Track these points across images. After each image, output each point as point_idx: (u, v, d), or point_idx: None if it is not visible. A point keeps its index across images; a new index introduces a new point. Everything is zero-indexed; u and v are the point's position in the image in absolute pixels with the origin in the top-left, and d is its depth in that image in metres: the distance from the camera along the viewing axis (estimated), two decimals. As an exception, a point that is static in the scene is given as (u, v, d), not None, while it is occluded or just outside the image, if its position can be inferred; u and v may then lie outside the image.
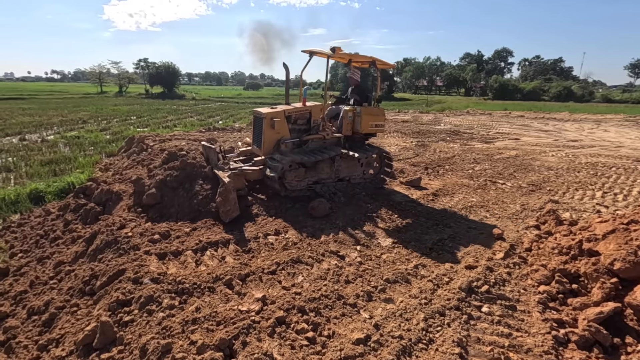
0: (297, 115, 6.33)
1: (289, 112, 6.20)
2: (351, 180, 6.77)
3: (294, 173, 5.99)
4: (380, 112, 6.86)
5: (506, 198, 6.77)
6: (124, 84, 59.68)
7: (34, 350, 3.05)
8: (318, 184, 6.33)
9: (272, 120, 5.95)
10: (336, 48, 6.02)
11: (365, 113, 6.59)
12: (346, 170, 6.65)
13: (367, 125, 6.64)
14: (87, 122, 20.04)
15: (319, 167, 6.25)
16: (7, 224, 5.96)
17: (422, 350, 2.76)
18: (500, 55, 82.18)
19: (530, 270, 3.97)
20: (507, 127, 18.43)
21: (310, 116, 6.42)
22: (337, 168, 6.46)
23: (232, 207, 5.09)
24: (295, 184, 6.06)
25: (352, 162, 6.65)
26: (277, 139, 6.12)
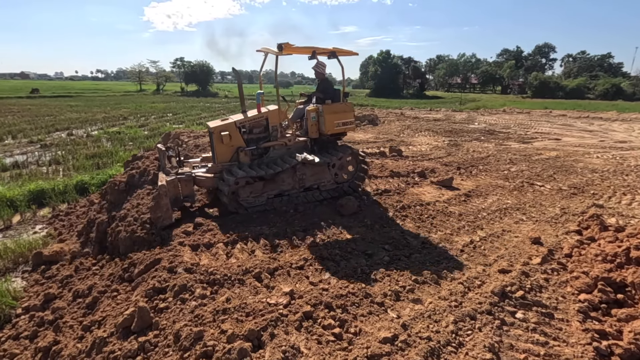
0: (252, 124, 5.63)
1: (241, 122, 5.53)
2: (321, 188, 6.05)
3: (248, 189, 5.38)
4: (347, 108, 6.04)
5: (545, 201, 6.44)
6: (161, 82, 62.30)
7: (79, 330, 3.27)
8: (281, 196, 5.71)
9: (220, 135, 5.31)
10: (284, 44, 5.19)
11: (328, 112, 5.78)
12: (313, 178, 5.93)
13: (332, 124, 5.83)
14: (127, 118, 21.13)
15: (279, 178, 5.59)
16: (56, 212, 6.42)
17: (451, 353, 2.69)
18: (541, 51, 77.99)
19: (570, 277, 3.76)
20: (547, 127, 17.49)
21: (268, 122, 5.73)
22: (300, 177, 5.78)
23: (164, 215, 4.62)
24: (252, 200, 5.45)
25: (320, 168, 5.92)
26: (232, 151, 5.50)
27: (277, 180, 5.60)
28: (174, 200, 5.02)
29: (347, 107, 6.03)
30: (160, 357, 2.58)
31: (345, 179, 6.33)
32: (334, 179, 6.16)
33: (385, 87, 56.77)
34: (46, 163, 10.14)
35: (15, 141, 13.56)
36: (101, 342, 2.87)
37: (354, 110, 6.19)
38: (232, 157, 5.50)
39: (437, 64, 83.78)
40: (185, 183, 5.18)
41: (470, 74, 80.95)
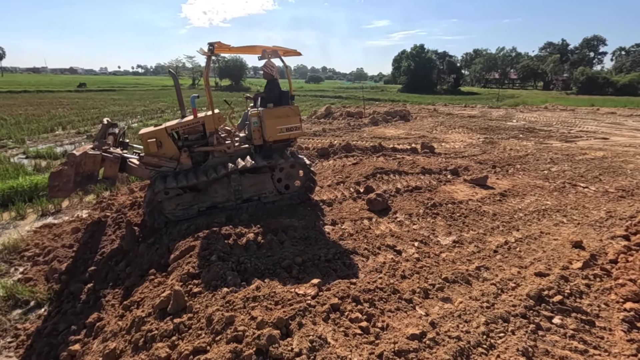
0: (186, 130, 5.21)
1: (173, 128, 5.14)
2: (262, 199, 5.50)
3: (174, 201, 4.97)
4: (292, 111, 5.40)
5: (588, 203, 6.06)
6: (196, 77, 64.37)
7: (120, 309, 3.49)
8: (215, 209, 5.22)
9: (147, 142, 4.90)
10: (215, 44, 4.79)
11: (269, 116, 5.23)
12: (252, 189, 5.39)
13: (274, 130, 5.27)
14: (164, 111, 22.05)
15: (211, 189, 5.14)
16: (100, 199, 6.84)
17: (481, 354, 2.62)
18: (589, 44, 72.96)
19: (614, 285, 3.54)
20: (594, 125, 16.38)
21: (204, 128, 5.27)
22: (236, 188, 5.24)
23: (62, 186, 4.28)
24: (179, 212, 5.03)
25: (260, 178, 5.41)
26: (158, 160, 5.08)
27: (210, 190, 5.14)
28: (88, 177, 4.71)
29: (292, 111, 5.41)
30: (193, 338, 2.70)
31: (299, 186, 5.75)
32: (277, 190, 5.60)
33: (418, 83, 55.41)
34: (91, 153, 10.80)
35: (65, 132, 14.54)
36: (140, 321, 3.04)
37: (300, 114, 5.52)
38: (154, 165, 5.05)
39: (474, 58, 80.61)
40: (110, 163, 4.80)
41: (510, 69, 77.26)
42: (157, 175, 5.03)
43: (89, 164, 4.63)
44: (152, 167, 5.06)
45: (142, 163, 5.02)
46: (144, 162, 4.99)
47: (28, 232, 5.64)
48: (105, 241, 5.08)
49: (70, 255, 4.90)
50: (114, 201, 6.50)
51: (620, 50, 71.86)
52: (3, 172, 8.11)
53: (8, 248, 5.04)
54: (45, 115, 18.69)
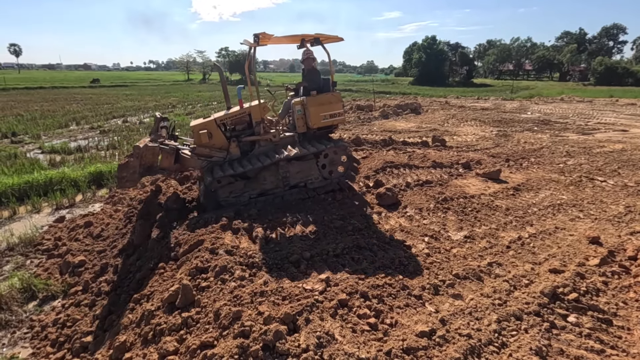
0: (233, 121, 5.34)
1: (222, 119, 5.27)
2: (308, 185, 5.62)
3: (228, 188, 5.13)
4: (335, 98, 5.54)
5: (606, 198, 5.87)
6: (207, 72, 64.71)
7: (130, 302, 3.53)
8: (265, 196, 5.38)
9: (199, 133, 5.11)
10: (259, 34, 4.93)
11: (312, 104, 5.37)
12: (298, 175, 5.50)
13: (317, 118, 5.41)
14: (175, 106, 22.24)
15: (261, 176, 5.28)
16: (112, 193, 6.94)
17: (493, 353, 2.56)
18: (609, 33, 70.49)
19: (633, 282, 3.41)
20: (612, 117, 15.86)
21: (251, 118, 5.38)
22: (284, 175, 5.39)
23: (129, 176, 4.53)
24: (232, 200, 5.19)
25: (306, 165, 5.51)
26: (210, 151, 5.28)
27: (260, 178, 5.28)
28: (148, 168, 4.88)
29: (335, 98, 5.55)
30: (201, 332, 2.70)
31: (341, 172, 5.86)
32: (322, 177, 5.71)
33: (430, 75, 54.49)
34: (104, 147, 10.97)
35: (79, 127, 14.81)
36: (149, 314, 3.07)
37: (342, 100, 5.73)
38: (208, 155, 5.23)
39: (487, 49, 78.80)
40: (166, 154, 4.98)
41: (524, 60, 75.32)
42: (209, 165, 5.20)
43: (148, 156, 4.80)
44: (204, 158, 5.22)
45: (194, 154, 5.20)
46: (197, 153, 5.19)
47: (43, 226, 5.76)
48: (116, 235, 5.16)
49: (84, 249, 4.99)
50: (126, 195, 6.58)
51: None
52: (19, 166, 8.31)
53: (24, 241, 5.16)
54: (60, 110, 19.05)
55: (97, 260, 4.65)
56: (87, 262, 4.62)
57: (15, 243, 5.10)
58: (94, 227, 5.45)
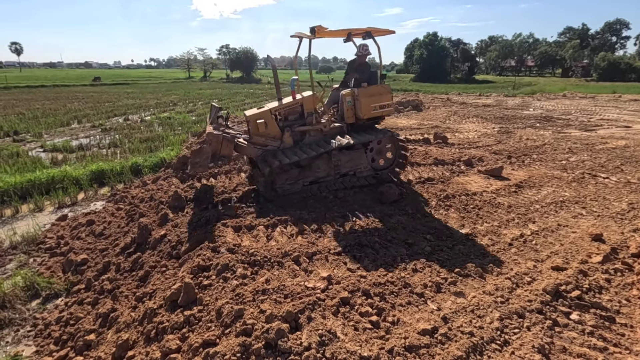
0: (287, 111, 5.62)
1: (276, 109, 5.54)
2: (357, 174, 5.90)
3: (284, 175, 5.39)
4: (384, 90, 5.84)
5: (609, 194, 5.84)
6: (208, 70, 64.60)
7: (133, 300, 3.54)
8: (316, 184, 5.65)
9: (256, 123, 5.31)
10: (316, 28, 5.14)
11: (364, 95, 5.65)
12: (348, 164, 5.80)
13: (368, 108, 5.69)
14: (176, 104, 22.22)
15: (314, 165, 5.53)
16: (114, 192, 6.95)
17: (495, 351, 2.55)
18: (612, 28, 69.92)
19: (636, 280, 3.40)
20: (615, 113, 15.76)
21: (303, 109, 5.66)
22: (336, 163, 5.66)
23: (202, 162, 4.79)
24: (287, 187, 5.47)
25: (356, 154, 5.79)
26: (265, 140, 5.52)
27: (313, 166, 5.56)
28: (212, 155, 5.07)
29: (384, 90, 5.84)
30: (203, 330, 2.71)
31: (383, 164, 6.18)
32: (371, 165, 6.01)
33: (431, 72, 54.25)
34: (106, 146, 10.97)
35: (80, 125, 14.81)
36: (151, 312, 3.08)
37: (391, 92, 6.00)
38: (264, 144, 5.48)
39: (489, 45, 78.37)
40: (227, 143, 5.15)
41: (527, 56, 74.88)
42: (264, 153, 5.41)
43: (213, 143, 5.02)
44: (259, 147, 5.45)
45: (251, 143, 5.42)
46: (253, 142, 5.41)
47: (46, 224, 5.78)
48: (119, 233, 5.17)
49: (86, 247, 5.00)
50: (127, 194, 6.59)
51: (645, 34, 68.74)
52: (22, 165, 8.32)
53: (27, 240, 5.17)
54: (61, 109, 19.06)
55: (100, 258, 4.66)
56: (90, 260, 4.63)
57: (18, 241, 5.12)
58: (96, 226, 5.46)
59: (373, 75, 6.06)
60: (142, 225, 4.85)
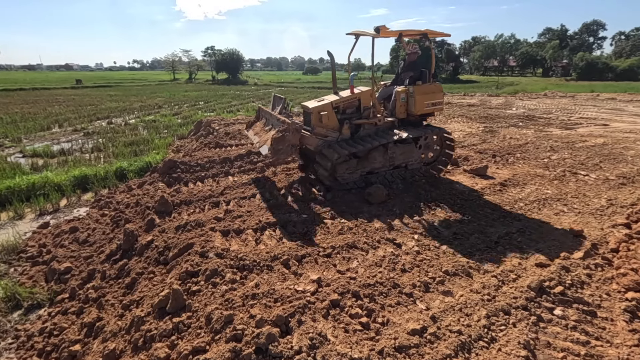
0: (345, 105, 5.94)
1: (337, 102, 5.85)
2: (408, 167, 6.31)
3: (345, 165, 5.72)
4: (437, 89, 6.26)
5: (589, 191, 6.02)
6: (193, 71, 63.84)
7: (119, 308, 3.47)
8: (372, 174, 6.02)
9: (319, 114, 5.63)
10: (381, 27, 5.52)
11: (419, 92, 6.05)
12: (402, 157, 6.17)
13: (422, 105, 6.10)
14: (162, 107, 21.89)
15: (371, 156, 5.86)
16: (98, 197, 6.80)
17: (482, 348, 2.61)
18: (589, 29, 72.07)
19: (616, 274, 3.52)
20: (594, 112, 16.26)
21: (360, 103, 6.00)
22: (391, 155, 6.04)
23: (284, 149, 5.01)
24: (347, 176, 5.80)
25: (408, 148, 6.17)
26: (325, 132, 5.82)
27: (370, 157, 5.88)
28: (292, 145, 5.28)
29: (437, 88, 6.28)
30: (193, 337, 2.68)
31: (431, 158, 6.66)
32: (420, 160, 6.46)
33: (417, 72, 54.80)
34: (89, 150, 10.74)
35: (62, 129, 14.44)
36: (139, 320, 3.03)
37: (443, 91, 6.43)
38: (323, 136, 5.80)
39: (473, 46, 79.75)
40: (295, 131, 5.30)
41: (509, 56, 76.45)
42: (324, 144, 5.74)
43: (295, 133, 5.22)
44: (320, 137, 5.74)
45: (313, 133, 5.66)
46: (315, 133, 5.67)
47: (26, 232, 5.61)
48: (103, 240, 5.06)
49: (70, 255, 4.88)
50: (112, 199, 6.46)
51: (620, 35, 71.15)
52: (0, 171, 8.06)
53: (7, 249, 5.01)
54: (41, 113, 18.55)
55: (84, 266, 4.55)
56: (74, 268, 4.52)
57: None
58: (80, 233, 5.34)
59: (423, 74, 6.41)
60: (128, 231, 4.76)
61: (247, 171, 7.11)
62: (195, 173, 7.02)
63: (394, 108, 6.25)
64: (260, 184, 6.30)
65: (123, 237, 4.78)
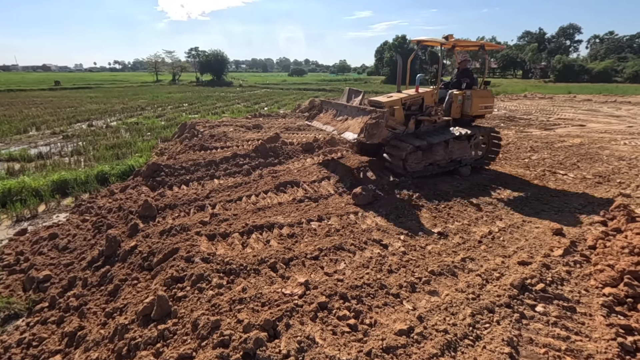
0: (411, 102, 6.69)
1: (405, 99, 6.58)
2: (462, 161, 6.99)
3: (413, 156, 6.43)
4: (489, 94, 7.25)
5: (567, 190, 6.21)
6: (177, 73, 62.83)
7: (102, 316, 3.39)
8: (432, 166, 6.70)
9: (392, 109, 6.28)
10: (449, 35, 6.56)
11: (476, 96, 6.94)
12: (458, 152, 6.85)
13: (477, 107, 7.00)
14: (144, 109, 21.47)
15: (434, 149, 6.55)
16: (78, 202, 6.61)
17: (468, 346, 2.65)
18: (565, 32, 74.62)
19: (593, 270, 3.64)
20: (571, 113, 16.81)
21: (423, 102, 6.75)
22: (450, 150, 6.71)
23: (379, 132, 5.52)
24: (414, 165, 6.49)
25: (463, 144, 6.87)
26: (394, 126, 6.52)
27: (433, 151, 6.55)
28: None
29: (489, 94, 7.30)
30: (179, 344, 2.64)
31: (480, 154, 7.37)
32: (472, 155, 7.18)
33: (401, 74, 55.51)
34: (68, 154, 10.43)
35: (39, 132, 13.99)
36: (123, 328, 2.96)
37: (494, 96, 7.44)
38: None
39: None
40: (386, 119, 5.74)
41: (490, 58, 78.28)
42: (393, 136, 6.54)
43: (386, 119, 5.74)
44: (390, 129, 6.39)
45: (386, 125, 5.98)
46: (387, 125, 6.06)
47: (2, 240, 5.41)
48: (85, 246, 4.93)
49: (49, 263, 4.73)
50: (94, 204, 6.29)
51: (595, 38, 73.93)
52: (-27, 177, 7.75)
53: (-19, 257, 4.82)
54: (17, 115, 17.92)
55: (65, 274, 4.42)
56: (53, 276, 4.38)
57: (-28, 260, 4.76)
58: (60, 239, 5.18)
59: (475, 80, 7.35)
60: (110, 236, 4.65)
61: (233, 174, 7.05)
62: (179, 176, 6.91)
63: (449, 108, 7.02)
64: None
65: (105, 243, 4.66)
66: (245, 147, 8.67)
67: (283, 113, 17.39)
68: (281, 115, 16.10)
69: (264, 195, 5.89)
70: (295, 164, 7.75)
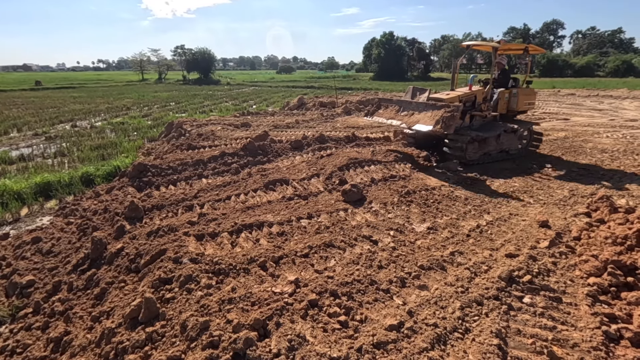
0: (466, 99, 7.46)
1: (462, 96, 7.38)
2: (509, 151, 7.79)
3: (471, 146, 7.16)
4: (533, 92, 8.23)
5: (552, 183, 6.33)
6: (163, 71, 61.88)
7: (88, 320, 3.32)
8: (485, 155, 7.45)
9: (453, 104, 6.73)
10: (501, 41, 7.74)
11: (522, 93, 7.93)
12: (506, 143, 7.63)
13: (522, 104, 7.97)
14: (130, 108, 21.10)
15: (488, 141, 7.29)
16: (63, 205, 6.46)
17: (457, 339, 2.68)
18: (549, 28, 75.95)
19: (578, 261, 3.71)
20: (555, 107, 17.12)
21: (475, 99, 7.56)
22: (501, 141, 7.48)
23: (455, 123, 6.17)
24: (472, 155, 7.25)
25: (510, 137, 7.63)
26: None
27: (487, 142, 7.33)
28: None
29: (532, 92, 8.29)
30: (167, 347, 2.60)
31: (524, 145, 8.23)
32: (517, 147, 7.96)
33: (389, 70, 55.85)
34: (51, 155, 10.18)
35: (21, 134, 13.62)
36: (110, 332, 2.90)
37: (536, 93, 8.51)
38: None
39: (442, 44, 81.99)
40: (459, 112, 6.40)
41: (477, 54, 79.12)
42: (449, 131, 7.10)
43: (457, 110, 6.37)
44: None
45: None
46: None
47: (-17, 245, 5.25)
48: (69, 250, 4.81)
49: (32, 267, 4.61)
50: (78, 206, 6.16)
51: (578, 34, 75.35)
52: (-49, 181, 7.49)
53: (-39, 263, 4.67)
54: (-3, 116, 17.40)
55: (49, 278, 4.31)
56: (37, 281, 4.27)
57: (-49, 266, 4.61)
58: (44, 243, 5.05)
59: (517, 80, 8.26)
60: (96, 239, 4.55)
61: (222, 173, 6.98)
62: (167, 176, 6.81)
63: (496, 105, 7.83)
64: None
65: (91, 245, 4.56)
66: (233, 146, 8.59)
67: (272, 111, 17.30)
68: (270, 113, 16.00)
69: (253, 194, 5.85)
70: (285, 161, 7.72)
